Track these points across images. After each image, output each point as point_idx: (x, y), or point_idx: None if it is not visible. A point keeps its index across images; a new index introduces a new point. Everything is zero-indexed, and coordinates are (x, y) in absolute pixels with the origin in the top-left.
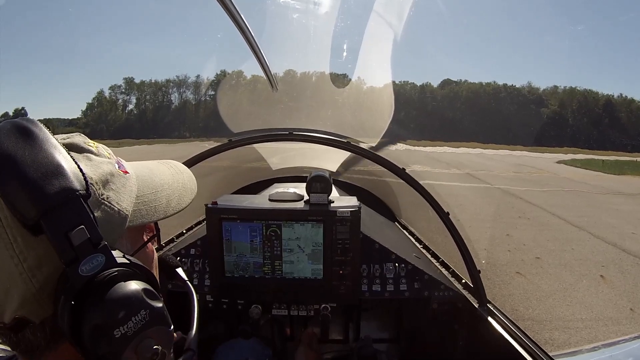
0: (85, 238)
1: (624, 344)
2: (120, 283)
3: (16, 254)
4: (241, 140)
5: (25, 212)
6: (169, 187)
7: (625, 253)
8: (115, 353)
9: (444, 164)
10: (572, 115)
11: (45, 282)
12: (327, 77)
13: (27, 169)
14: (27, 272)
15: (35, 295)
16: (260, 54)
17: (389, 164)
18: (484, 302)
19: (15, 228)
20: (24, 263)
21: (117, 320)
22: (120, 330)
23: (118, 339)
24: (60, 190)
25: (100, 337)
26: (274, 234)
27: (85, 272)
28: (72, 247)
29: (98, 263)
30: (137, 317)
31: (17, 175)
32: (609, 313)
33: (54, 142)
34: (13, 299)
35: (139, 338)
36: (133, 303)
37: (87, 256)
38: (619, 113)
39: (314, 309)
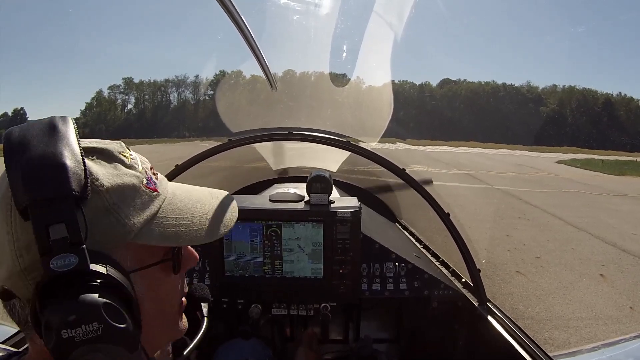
0: (63, 235)
1: (624, 344)
2: (82, 289)
3: (12, 231)
4: (241, 139)
5: (19, 197)
6: (198, 217)
7: (625, 253)
8: (62, 352)
9: (444, 164)
10: (571, 114)
11: (29, 265)
12: (326, 77)
13: (33, 158)
14: (16, 251)
15: (19, 274)
16: (260, 54)
17: (389, 164)
18: (484, 301)
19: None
20: (16, 242)
21: (66, 322)
22: (68, 332)
23: (65, 340)
24: (53, 184)
25: (49, 330)
26: (274, 233)
27: (55, 267)
28: (48, 240)
29: (69, 263)
30: (87, 327)
31: (23, 162)
32: (609, 312)
33: (71, 142)
34: (2, 270)
35: (86, 348)
36: (86, 312)
37: (60, 253)
38: (618, 112)
39: (314, 308)
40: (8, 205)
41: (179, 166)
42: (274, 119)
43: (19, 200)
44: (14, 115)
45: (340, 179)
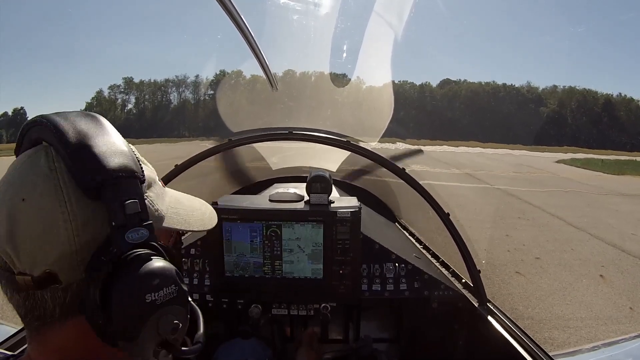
0: (137, 211)
1: (623, 344)
2: (158, 258)
3: (68, 211)
4: (241, 139)
5: (92, 175)
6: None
7: (624, 253)
8: (141, 317)
9: (444, 164)
10: (572, 115)
11: (85, 246)
12: (326, 77)
13: (98, 143)
14: (73, 230)
15: (72, 255)
16: (260, 54)
17: (389, 163)
18: (484, 302)
19: (72, 189)
20: (73, 222)
21: (151, 285)
22: (152, 296)
23: (148, 304)
24: (125, 166)
25: (131, 298)
26: (274, 234)
27: (130, 240)
28: (124, 214)
29: (142, 235)
30: (167, 289)
31: (89, 145)
32: (609, 312)
33: (117, 133)
34: (51, 252)
35: (164, 310)
36: (167, 276)
37: (134, 227)
38: (618, 112)
39: (314, 308)
40: (57, 186)
41: (179, 166)
42: (274, 118)
43: (92, 180)
44: (14, 115)
45: (340, 178)
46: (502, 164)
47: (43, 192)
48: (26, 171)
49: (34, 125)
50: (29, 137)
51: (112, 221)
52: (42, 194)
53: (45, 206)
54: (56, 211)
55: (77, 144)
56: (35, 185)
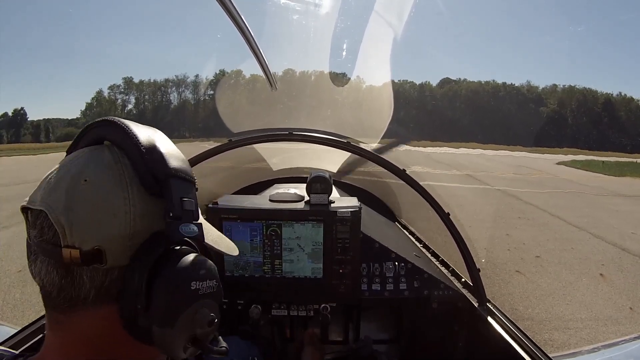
0: (193, 208)
1: (623, 345)
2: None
3: (129, 197)
4: (241, 140)
5: (158, 171)
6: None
7: (625, 252)
8: (182, 304)
9: (445, 165)
10: (572, 115)
11: (136, 234)
12: (326, 76)
13: (164, 145)
14: (131, 215)
15: (124, 238)
16: (260, 54)
17: (389, 164)
18: (483, 302)
19: (135, 182)
20: (132, 207)
21: (197, 274)
22: (197, 284)
23: (192, 291)
24: (185, 169)
25: (177, 284)
26: (274, 233)
27: (183, 232)
28: (182, 209)
29: (193, 231)
30: (210, 282)
31: (157, 146)
32: (609, 312)
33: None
34: (106, 231)
35: (203, 302)
36: (211, 271)
37: (188, 222)
38: (618, 112)
39: (314, 309)
40: (122, 175)
41: None
42: (274, 119)
43: (157, 175)
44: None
45: (340, 179)
46: (503, 165)
47: (107, 177)
48: (90, 159)
49: (101, 124)
50: (90, 136)
51: (170, 212)
52: (107, 179)
53: (108, 189)
54: (118, 196)
55: (146, 143)
56: (99, 171)
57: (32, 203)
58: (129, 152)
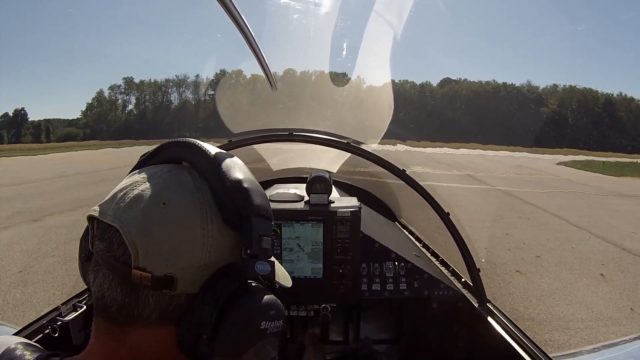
0: (268, 247)
1: (624, 345)
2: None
3: (208, 228)
4: (241, 140)
5: (240, 207)
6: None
7: (625, 252)
8: (250, 342)
9: (445, 166)
10: (572, 115)
11: (210, 265)
12: (326, 76)
13: (247, 179)
14: (208, 246)
15: (198, 268)
16: (260, 54)
17: (389, 165)
18: (484, 302)
19: (215, 214)
20: (210, 239)
21: (268, 314)
22: (265, 324)
23: (261, 330)
24: (265, 207)
25: (249, 320)
26: (274, 233)
27: (258, 270)
28: (259, 247)
29: (266, 269)
30: (277, 322)
31: (241, 179)
32: (609, 312)
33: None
34: (179, 259)
35: (269, 340)
36: (280, 311)
37: (263, 259)
38: (618, 112)
39: (314, 309)
40: (203, 205)
41: None
42: (274, 119)
43: (240, 209)
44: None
45: (340, 179)
46: (503, 165)
47: (187, 204)
48: (170, 181)
49: (179, 145)
50: (166, 154)
51: (247, 249)
52: (186, 206)
53: (187, 216)
54: (197, 226)
55: (231, 175)
56: (180, 196)
57: (102, 215)
58: (212, 180)
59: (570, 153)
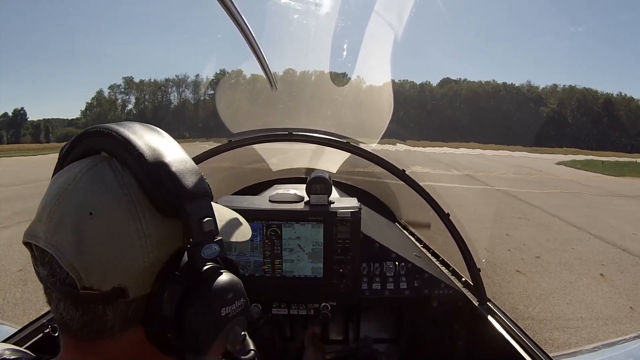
0: (212, 228)
1: (623, 344)
2: (228, 272)
3: (142, 228)
4: (241, 140)
5: (171, 194)
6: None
7: (625, 252)
8: (215, 330)
9: (444, 165)
10: (572, 114)
11: (155, 262)
12: (326, 76)
13: (175, 161)
14: (147, 246)
15: (143, 271)
16: (260, 54)
17: (389, 165)
18: (484, 301)
19: (146, 207)
20: (147, 238)
21: (226, 300)
22: (226, 309)
23: (222, 318)
24: (200, 185)
25: (208, 313)
26: (274, 233)
27: (205, 256)
28: (201, 232)
29: (214, 251)
30: (238, 302)
31: (168, 164)
32: (609, 312)
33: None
34: (122, 268)
35: (234, 322)
36: (238, 290)
37: (209, 243)
38: (618, 112)
39: (314, 308)
40: (130, 202)
41: None
42: (274, 119)
43: (171, 199)
44: (14, 115)
45: (340, 179)
46: (503, 165)
47: (114, 208)
48: (91, 183)
49: (96, 134)
50: (84, 145)
51: (190, 238)
52: (114, 210)
53: (117, 222)
54: (130, 228)
55: (154, 161)
56: (104, 200)
57: (34, 238)
58: (135, 170)
59: (570, 152)
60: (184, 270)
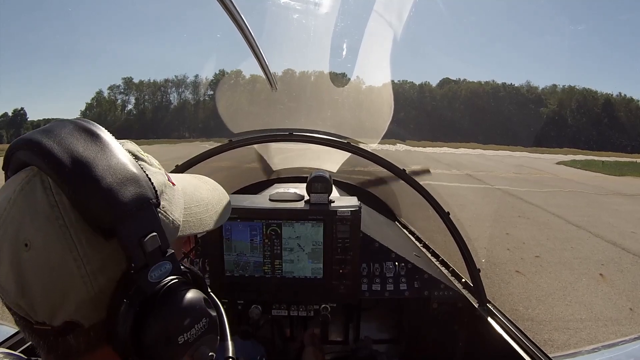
0: (157, 245)
1: (623, 345)
2: (185, 290)
3: (80, 256)
4: (241, 140)
5: (101, 215)
6: (210, 203)
7: (624, 252)
8: (177, 356)
9: (445, 165)
10: (572, 115)
11: (104, 286)
12: (326, 77)
13: (104, 173)
14: (89, 275)
15: (92, 299)
16: (260, 54)
17: (389, 164)
18: (483, 302)
19: (81, 230)
20: (87, 266)
21: (182, 327)
22: (184, 336)
23: (180, 345)
24: (137, 197)
25: (163, 343)
26: (274, 233)
27: (154, 279)
28: (144, 253)
29: (166, 270)
30: (199, 325)
31: (94, 179)
32: (609, 313)
33: (121, 147)
34: (69, 302)
35: (196, 345)
36: (197, 311)
37: (156, 263)
38: (618, 112)
39: (314, 309)
40: (64, 227)
41: (179, 166)
42: (274, 119)
43: (102, 220)
44: (14, 115)
45: (340, 179)
46: (503, 165)
47: (48, 236)
48: (23, 207)
49: (23, 146)
50: (16, 158)
51: (132, 262)
52: (48, 238)
53: (53, 252)
54: (67, 257)
55: (78, 176)
56: (37, 228)
57: None
58: (64, 187)
59: (570, 153)
60: (134, 296)
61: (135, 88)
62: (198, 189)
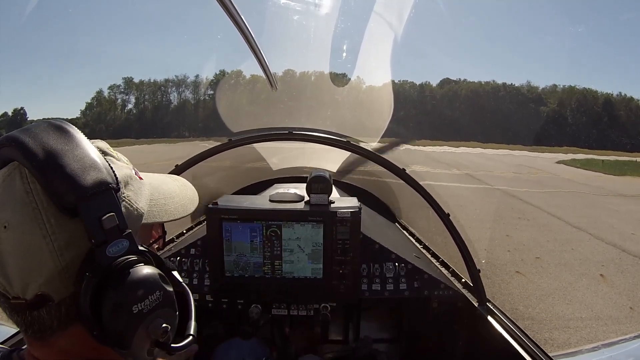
0: (115, 224)
1: (623, 344)
2: (141, 265)
3: (48, 233)
4: (241, 139)
5: (66, 197)
6: (177, 196)
7: (625, 253)
8: (131, 327)
9: (444, 165)
10: (572, 114)
11: (70, 262)
12: (326, 77)
13: (69, 160)
14: (56, 251)
15: (60, 273)
16: (260, 54)
17: (389, 164)
18: (483, 302)
19: (50, 211)
20: (55, 242)
21: (136, 297)
22: (138, 306)
23: (135, 315)
24: (97, 181)
25: (119, 312)
26: (274, 234)
27: (111, 254)
28: (103, 230)
29: (123, 247)
30: (152, 297)
31: (60, 165)
32: (609, 312)
33: (88, 141)
34: (39, 275)
35: (152, 316)
36: (150, 284)
37: (114, 240)
38: (618, 112)
39: (314, 308)
40: (36, 209)
41: (179, 166)
42: (274, 118)
43: (66, 201)
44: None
45: (340, 179)
46: (503, 164)
47: (23, 217)
48: (4, 196)
49: (4, 145)
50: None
51: (92, 239)
52: (23, 219)
53: (26, 231)
54: (37, 234)
55: (47, 164)
56: (14, 211)
57: None
58: (36, 174)
59: (570, 151)
60: (95, 270)
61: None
62: (165, 184)
